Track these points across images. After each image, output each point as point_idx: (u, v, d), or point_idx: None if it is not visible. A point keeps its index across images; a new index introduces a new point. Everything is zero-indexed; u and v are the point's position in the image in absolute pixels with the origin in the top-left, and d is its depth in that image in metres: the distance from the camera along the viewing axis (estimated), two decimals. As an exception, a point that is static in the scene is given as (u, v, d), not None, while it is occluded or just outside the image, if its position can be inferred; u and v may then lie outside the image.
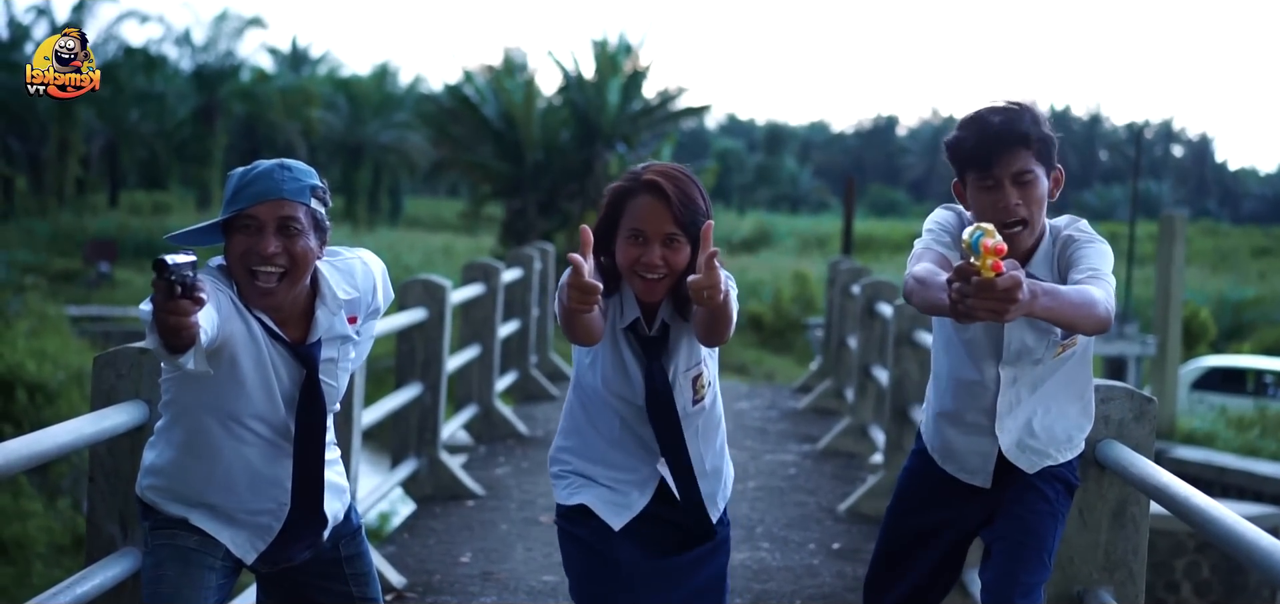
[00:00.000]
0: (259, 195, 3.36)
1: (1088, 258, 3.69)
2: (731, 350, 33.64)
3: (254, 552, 3.55)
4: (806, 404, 13.42)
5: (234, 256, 3.37)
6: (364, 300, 3.61)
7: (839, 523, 8.41)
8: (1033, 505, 3.90)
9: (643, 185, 3.49)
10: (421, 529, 7.82)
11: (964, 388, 3.96)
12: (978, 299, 3.16)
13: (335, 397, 3.57)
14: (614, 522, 3.62)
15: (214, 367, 3.31)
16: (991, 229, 3.16)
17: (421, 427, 8.55)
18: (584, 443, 3.70)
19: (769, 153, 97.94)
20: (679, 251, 3.47)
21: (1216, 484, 18.95)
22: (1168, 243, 21.53)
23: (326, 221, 3.48)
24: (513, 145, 38.13)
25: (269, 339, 3.42)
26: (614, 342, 3.60)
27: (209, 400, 3.41)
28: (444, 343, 8.56)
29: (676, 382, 3.61)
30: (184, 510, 3.48)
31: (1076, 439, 4.01)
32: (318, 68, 66.79)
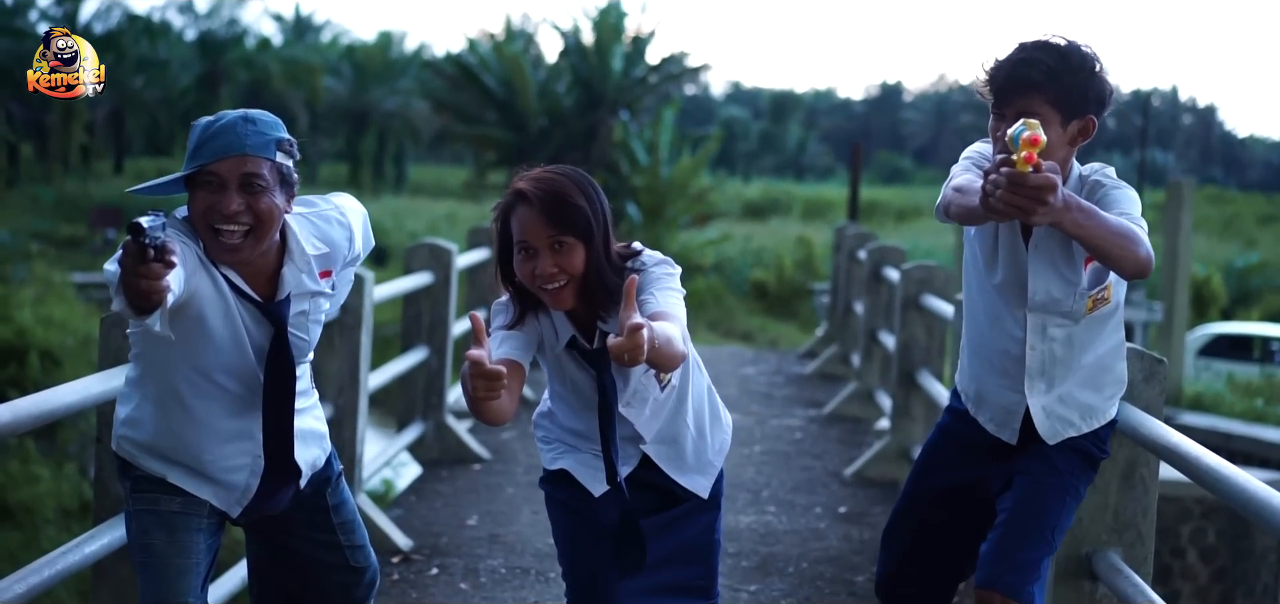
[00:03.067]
0: (221, 150, 3.23)
1: (1118, 203, 3.65)
2: (737, 317, 33.69)
3: (238, 505, 3.47)
4: (813, 370, 13.41)
5: (197, 213, 3.25)
6: (339, 253, 3.52)
7: (845, 487, 8.40)
8: (1043, 481, 3.86)
9: (515, 196, 3.38)
10: (428, 493, 7.82)
11: (995, 333, 3.93)
12: (1008, 191, 3.17)
13: (306, 349, 3.49)
14: (594, 488, 3.58)
15: (179, 322, 3.22)
16: (1036, 123, 3.15)
17: (427, 390, 8.56)
18: (565, 413, 3.64)
19: (774, 120, 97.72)
20: (571, 254, 3.33)
21: (1223, 450, 18.77)
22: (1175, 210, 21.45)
23: (294, 176, 3.35)
24: (516, 113, 38.13)
25: (236, 296, 3.32)
26: (558, 364, 3.53)
27: (177, 355, 3.31)
28: (450, 307, 8.56)
29: (635, 386, 3.51)
30: (163, 467, 3.39)
31: (1105, 410, 3.95)
32: (321, 35, 66.74)
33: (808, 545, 7.00)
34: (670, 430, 3.60)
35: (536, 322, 3.47)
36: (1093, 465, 3.97)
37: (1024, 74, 3.66)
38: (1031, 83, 3.64)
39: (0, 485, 17.54)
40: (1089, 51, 3.69)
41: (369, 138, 59.76)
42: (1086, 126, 3.69)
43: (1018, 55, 3.69)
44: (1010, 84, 3.68)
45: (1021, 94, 3.65)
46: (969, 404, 4.05)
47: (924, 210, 58.98)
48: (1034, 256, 3.77)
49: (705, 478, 3.67)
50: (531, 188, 3.35)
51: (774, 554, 6.80)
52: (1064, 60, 3.65)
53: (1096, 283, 3.77)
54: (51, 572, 3.74)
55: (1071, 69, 3.65)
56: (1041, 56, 3.66)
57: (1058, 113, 3.65)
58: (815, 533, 7.26)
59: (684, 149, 35.35)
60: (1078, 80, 3.65)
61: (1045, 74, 3.64)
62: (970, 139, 3.99)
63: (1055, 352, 3.85)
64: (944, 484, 4.10)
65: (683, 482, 3.63)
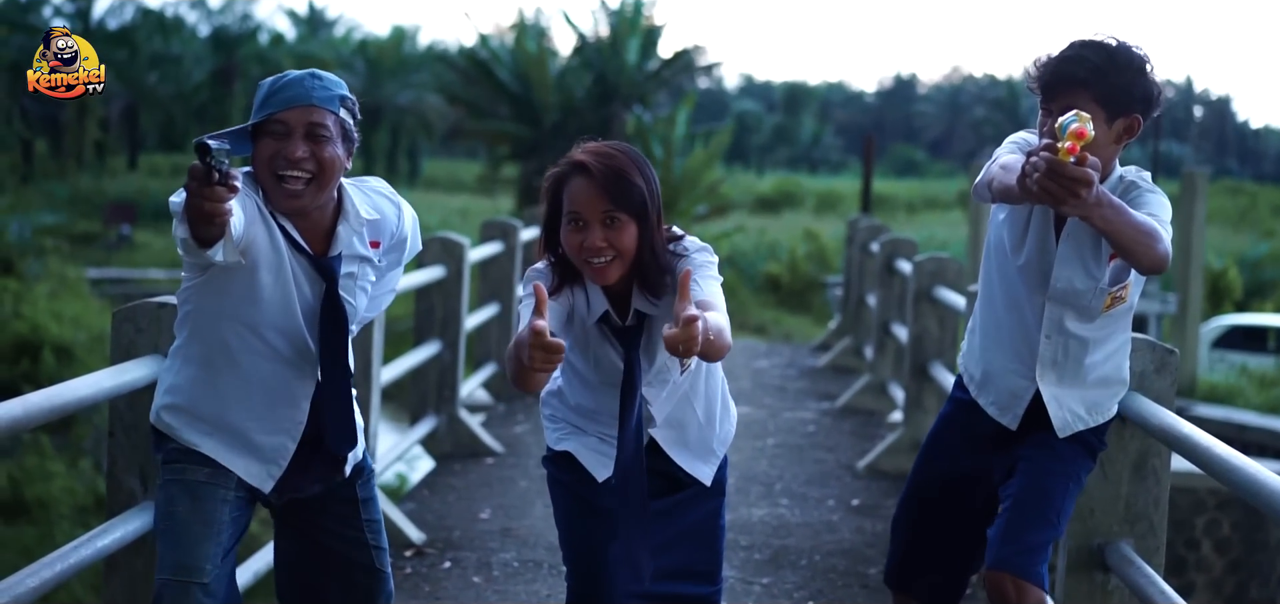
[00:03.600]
0: (289, 100, 3.38)
1: (1149, 204, 3.69)
2: (750, 311, 33.67)
3: (270, 479, 3.51)
4: (825, 362, 13.41)
5: (262, 161, 3.39)
6: (387, 225, 3.62)
7: (858, 480, 8.40)
8: (1047, 466, 3.89)
9: (573, 167, 3.40)
10: (441, 486, 7.83)
11: (1011, 318, 3.96)
12: (1046, 177, 3.23)
13: (354, 316, 3.55)
14: (599, 472, 3.58)
15: (234, 273, 3.33)
16: (1087, 117, 3.22)
17: (440, 384, 8.56)
18: (578, 390, 3.63)
19: (787, 113, 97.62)
20: (622, 231, 3.36)
21: (1237, 441, 18.75)
22: (1188, 201, 21.43)
23: (355, 133, 3.50)
24: (529, 107, 38.09)
25: (291, 249, 3.42)
26: (584, 338, 3.52)
27: (229, 308, 3.40)
28: (463, 301, 8.57)
29: (659, 365, 3.52)
30: (197, 437, 3.45)
31: (1109, 407, 4.00)
32: (335, 29, 66.81)
33: (820, 538, 7.00)
34: (679, 415, 3.61)
35: (571, 294, 3.48)
36: (1092, 456, 4.02)
37: (1070, 70, 3.71)
38: (1077, 79, 3.69)
39: (15, 480, 17.62)
40: (1139, 52, 3.75)
41: (382, 132, 59.78)
42: (1131, 125, 3.74)
43: (1066, 52, 3.76)
44: (1057, 79, 3.73)
45: (1067, 90, 3.70)
46: (972, 386, 4.08)
47: (937, 203, 58.91)
48: (1064, 246, 3.81)
49: (708, 465, 3.67)
50: (592, 161, 3.38)
51: (786, 547, 6.80)
52: (1111, 59, 3.70)
53: (1117, 280, 3.81)
54: (64, 566, 3.74)
55: (1118, 68, 3.70)
56: (1089, 54, 3.71)
57: (1103, 110, 3.69)
58: (828, 526, 7.26)
59: (697, 142, 35.33)
60: (1124, 79, 3.70)
61: (1091, 71, 3.69)
62: (985, 132, 4.06)
63: (1069, 348, 3.89)
64: (948, 473, 4.12)
65: (686, 466, 3.63)
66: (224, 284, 3.37)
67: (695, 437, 3.65)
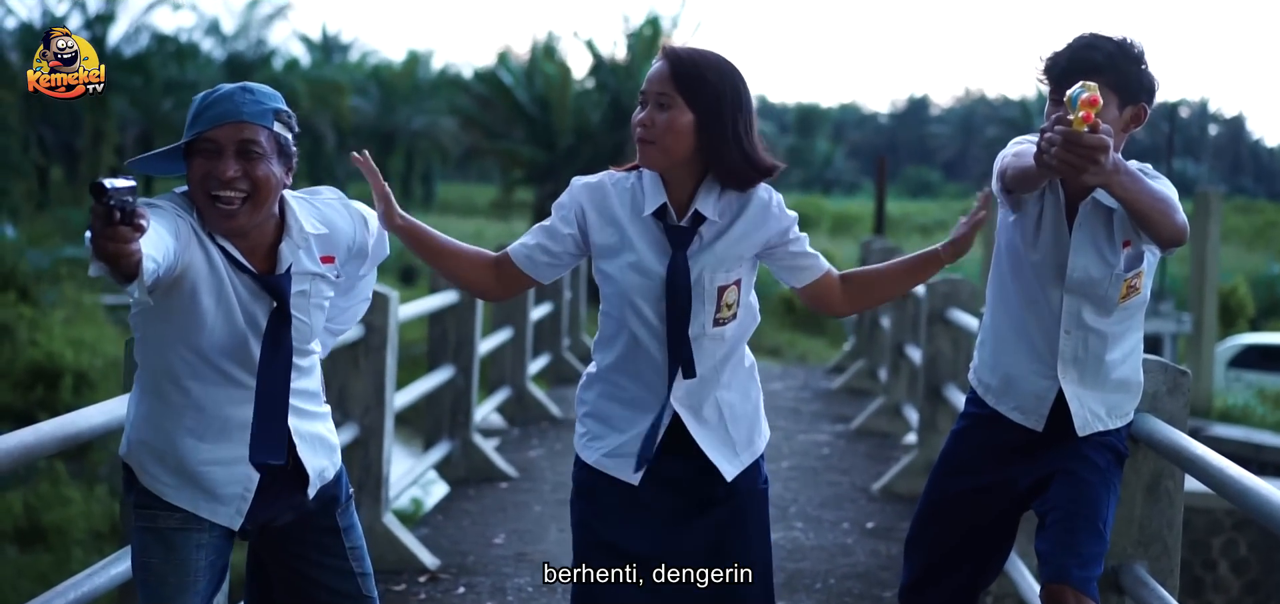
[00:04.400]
0: (218, 117, 3.21)
1: (1157, 183, 3.74)
2: (765, 332, 33.63)
3: (239, 516, 3.36)
4: (840, 384, 13.40)
5: (194, 181, 3.22)
6: (341, 237, 3.47)
7: (873, 502, 8.39)
8: (1085, 476, 3.90)
9: (660, 56, 3.47)
10: (455, 511, 7.83)
11: (1029, 316, 3.98)
12: (1063, 149, 3.26)
13: (307, 335, 3.40)
14: (629, 476, 3.51)
15: (174, 297, 3.19)
16: (1094, 86, 3.25)
17: (454, 409, 8.57)
18: (605, 361, 3.57)
19: (801, 134, 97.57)
20: (672, 114, 3.38)
21: (1254, 462, 18.82)
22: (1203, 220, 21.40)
23: (292, 147, 3.33)
24: (544, 130, 38.18)
25: (234, 270, 3.26)
26: (624, 233, 3.48)
27: (173, 335, 3.25)
28: (476, 326, 8.58)
29: (701, 284, 3.46)
30: (162, 483, 3.30)
31: (1126, 407, 4.03)
32: (349, 54, 66.95)
33: (835, 561, 7.00)
34: (699, 395, 3.52)
35: (626, 186, 3.50)
36: (1121, 463, 4.03)
37: (1087, 57, 3.80)
38: (1094, 65, 3.76)
39: (32, 507, 17.65)
40: (1135, 45, 3.86)
41: (397, 157, 59.90)
42: (1139, 114, 3.85)
43: (1080, 40, 3.86)
44: (1073, 66, 3.78)
45: (1084, 76, 3.69)
46: (989, 396, 4.08)
47: (951, 223, 58.66)
48: (1078, 235, 3.87)
49: (728, 462, 3.55)
50: (673, 46, 3.46)
51: (801, 570, 6.80)
52: (1122, 48, 3.82)
53: (1131, 267, 3.87)
54: (77, 594, 3.75)
55: (1128, 58, 3.82)
56: (1102, 43, 3.82)
57: (1116, 96, 3.79)
58: (843, 549, 7.26)
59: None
60: (1134, 68, 3.82)
61: (1106, 58, 3.79)
62: (998, 152, 4.03)
63: (1089, 342, 3.92)
64: (963, 488, 4.11)
65: (708, 451, 3.53)
66: (166, 310, 3.22)
67: (717, 420, 3.56)
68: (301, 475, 3.43)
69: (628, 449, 3.52)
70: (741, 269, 3.52)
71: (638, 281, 3.46)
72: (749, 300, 3.59)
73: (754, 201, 3.51)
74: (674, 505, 3.54)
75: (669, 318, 3.44)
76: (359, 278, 3.68)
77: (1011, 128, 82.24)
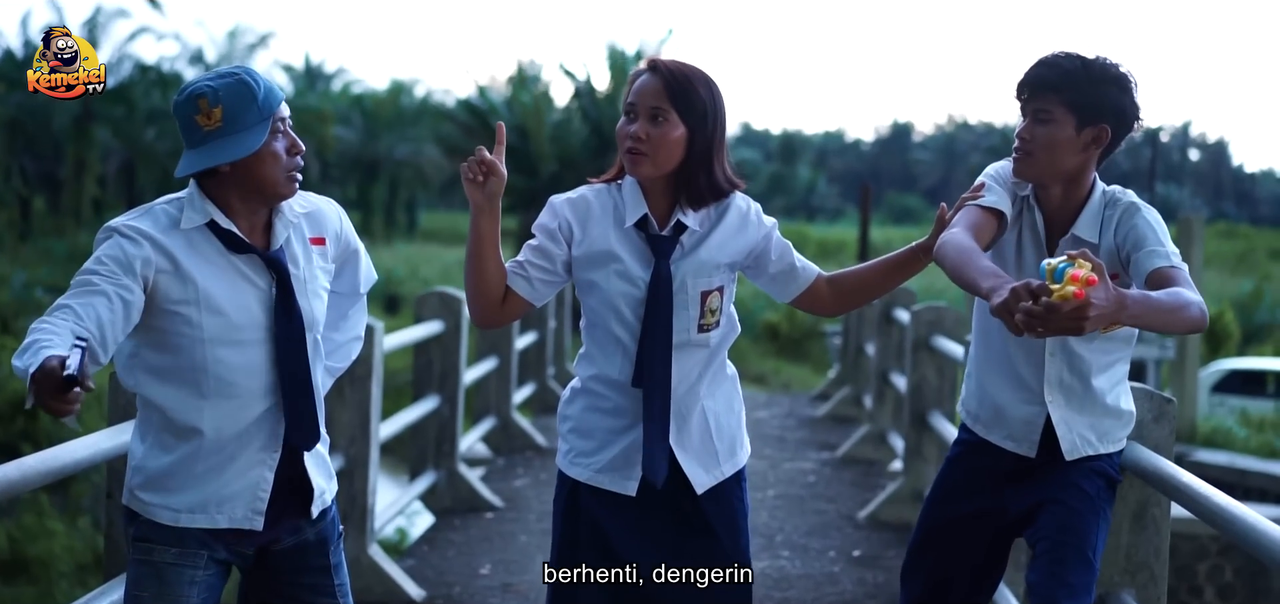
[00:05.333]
0: (280, 99, 3.37)
1: (1147, 236, 3.70)
2: (749, 360, 33.65)
3: (258, 516, 3.39)
4: (825, 412, 13.40)
5: (277, 156, 3.33)
6: (327, 221, 3.55)
7: (859, 530, 8.39)
8: (1074, 503, 3.86)
9: (645, 66, 3.52)
10: (441, 541, 7.81)
11: (1013, 344, 3.94)
12: (1043, 321, 3.09)
13: (315, 324, 3.46)
14: (620, 488, 3.56)
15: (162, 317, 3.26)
16: (1086, 264, 3.09)
17: (439, 439, 8.56)
18: (588, 372, 3.62)
19: (784, 162, 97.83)
20: (666, 128, 3.46)
21: (1238, 487, 18.83)
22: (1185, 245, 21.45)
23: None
24: (527, 158, 38.17)
25: (233, 251, 3.33)
26: (608, 243, 3.53)
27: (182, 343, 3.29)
28: (461, 355, 8.57)
29: (684, 291, 3.53)
30: (172, 509, 3.33)
31: (1117, 433, 3.99)
32: (332, 84, 66.93)
33: (822, 591, 6.99)
34: (686, 403, 3.57)
35: (608, 197, 3.57)
36: (1113, 488, 3.99)
37: (1042, 74, 3.78)
38: (1048, 83, 3.76)
39: (15, 539, 17.55)
40: (1116, 68, 3.78)
41: (380, 186, 59.85)
42: (1099, 135, 3.76)
43: (1044, 57, 3.83)
44: (1029, 81, 3.79)
45: (1039, 93, 3.77)
46: (979, 427, 4.06)
47: (935, 250, 58.78)
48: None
49: (707, 473, 3.61)
50: (662, 61, 3.52)
51: (788, 599, 6.79)
52: (1086, 68, 3.76)
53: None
54: (64, 627, 3.73)
55: (1092, 78, 3.75)
56: (1063, 60, 3.78)
57: (1072, 116, 3.75)
58: (829, 577, 7.25)
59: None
60: (1096, 88, 3.74)
61: (1062, 76, 3.75)
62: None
63: (1074, 365, 3.89)
64: (956, 515, 4.09)
65: (683, 461, 3.58)
66: (161, 332, 3.27)
67: (701, 429, 3.61)
68: (305, 494, 3.48)
69: (617, 462, 3.57)
70: (723, 276, 3.59)
71: (623, 289, 3.52)
72: (729, 310, 3.65)
73: (732, 210, 3.61)
74: (658, 513, 3.58)
75: (648, 324, 3.50)
76: (349, 310, 3.72)
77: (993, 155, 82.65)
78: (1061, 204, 3.85)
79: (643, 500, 3.57)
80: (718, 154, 3.53)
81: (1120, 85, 3.77)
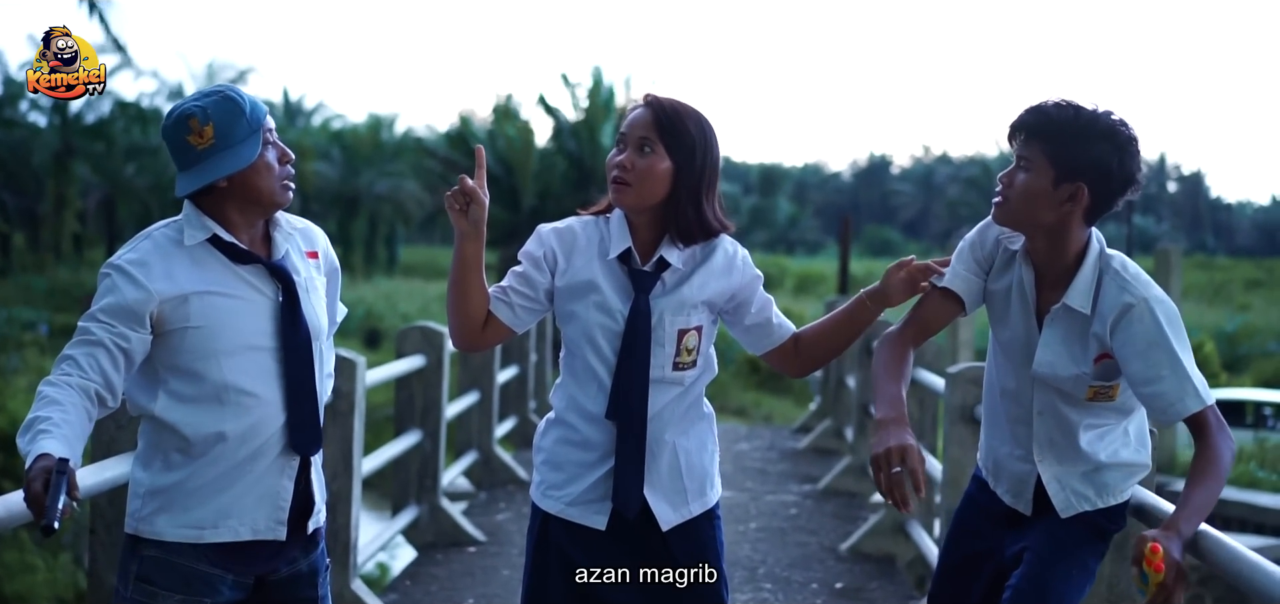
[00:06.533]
0: (265, 111, 3.44)
1: (1153, 356, 3.57)
2: (730, 393, 33.63)
3: (281, 526, 3.43)
4: (806, 444, 13.41)
5: (271, 166, 3.41)
6: (316, 238, 3.64)
7: (841, 562, 8.39)
8: (1049, 558, 3.79)
9: (642, 100, 3.57)
10: (423, 576, 7.80)
11: (1005, 401, 3.90)
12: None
13: (318, 329, 3.51)
14: (597, 522, 3.59)
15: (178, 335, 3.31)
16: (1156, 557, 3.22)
17: (421, 474, 8.54)
18: (561, 403, 3.65)
19: (764, 194, 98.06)
20: (652, 160, 3.49)
21: (1217, 516, 18.86)
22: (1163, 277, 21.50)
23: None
24: (508, 191, 38.23)
25: (239, 262, 3.39)
26: (591, 275, 3.56)
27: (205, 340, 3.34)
28: (443, 390, 8.56)
29: (661, 327, 3.55)
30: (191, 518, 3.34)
31: (1120, 488, 3.85)
32: (311, 119, 66.91)
33: (804, 622, 6.98)
34: (658, 439, 3.58)
35: (594, 230, 3.60)
36: (1102, 538, 3.88)
37: (1029, 119, 3.64)
38: (1033, 129, 3.62)
39: (-5, 576, 17.46)
40: (1113, 125, 3.60)
41: (360, 221, 59.80)
42: (1076, 193, 3.58)
43: (1039, 102, 3.68)
44: (1017, 125, 3.68)
45: (1019, 134, 3.66)
46: (988, 477, 4.02)
47: (915, 282, 58.93)
48: (1047, 332, 3.72)
49: (674, 510, 3.62)
50: (656, 96, 3.56)
51: (770, 631, 6.78)
52: (1075, 119, 3.58)
53: (1104, 378, 3.69)
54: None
55: (1078, 130, 3.57)
56: (1052, 110, 3.62)
57: (1052, 168, 3.59)
58: (811, 609, 7.24)
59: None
60: (1080, 143, 3.57)
61: (1045, 123, 3.60)
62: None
63: (1064, 425, 3.78)
64: (968, 552, 4.06)
65: (650, 498, 3.59)
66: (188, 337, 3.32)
67: (670, 466, 3.62)
68: (306, 509, 3.51)
69: (587, 496, 3.59)
70: (701, 316, 3.61)
71: (602, 321, 3.55)
72: (708, 351, 3.67)
73: (718, 252, 3.63)
74: (627, 548, 3.60)
75: (624, 357, 3.52)
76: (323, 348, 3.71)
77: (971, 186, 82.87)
78: (1048, 260, 3.71)
79: (612, 535, 3.58)
80: (707, 192, 3.55)
81: (1114, 143, 3.58)
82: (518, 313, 3.60)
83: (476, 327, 3.59)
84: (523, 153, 38.38)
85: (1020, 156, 3.66)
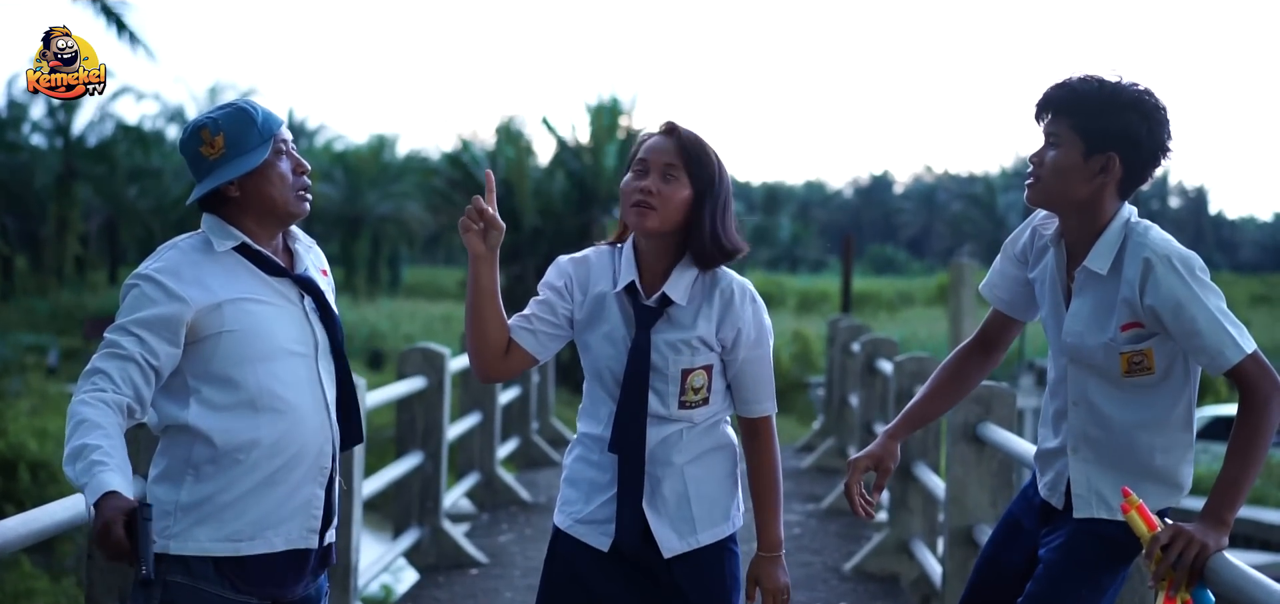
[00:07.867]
0: (280, 121, 3.46)
1: (1184, 313, 3.51)
2: (733, 412, 33.65)
3: (313, 534, 3.43)
4: (810, 463, 13.37)
5: (284, 175, 3.44)
6: (323, 258, 3.69)
7: (845, 582, 8.36)
8: (1060, 572, 3.71)
9: (659, 128, 3.58)
10: (425, 599, 7.78)
11: (1053, 388, 3.85)
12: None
13: (341, 336, 3.56)
14: (600, 543, 3.59)
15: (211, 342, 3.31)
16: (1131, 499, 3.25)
17: (423, 496, 8.52)
18: (583, 429, 3.68)
19: (766, 213, 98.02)
20: (676, 186, 3.50)
21: (1225, 534, 18.86)
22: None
23: None
24: (510, 212, 38.24)
25: (266, 272, 3.42)
26: (603, 306, 3.59)
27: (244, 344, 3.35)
28: (444, 411, 8.54)
29: (665, 366, 3.54)
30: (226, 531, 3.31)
31: (1154, 501, 3.66)
32: (315, 140, 66.99)
33: (807, 642, 6.96)
34: (661, 470, 3.59)
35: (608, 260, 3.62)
36: (1122, 558, 3.74)
37: (1055, 94, 3.63)
38: (1059, 104, 3.61)
39: (-3, 599, 17.44)
40: (1140, 94, 3.59)
41: (363, 241, 59.86)
42: (1108, 164, 3.57)
43: (1063, 78, 3.67)
44: (1043, 101, 3.66)
45: (1046, 111, 3.65)
46: (1037, 464, 3.92)
47: (916, 299, 59.07)
48: (1075, 300, 3.68)
49: (678, 538, 3.61)
50: (677, 125, 3.58)
51: (774, 652, 6.74)
52: (1100, 91, 3.58)
53: (1135, 343, 3.59)
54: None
55: (1105, 101, 3.57)
56: (1076, 83, 3.62)
57: (1080, 141, 3.58)
58: (815, 629, 7.22)
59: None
60: (1108, 113, 3.56)
61: (1073, 98, 3.60)
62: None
63: (1099, 419, 3.68)
64: (1007, 515, 4.02)
65: (654, 525, 3.58)
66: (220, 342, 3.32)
67: (676, 496, 3.61)
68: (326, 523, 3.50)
69: (595, 516, 3.60)
70: (709, 356, 3.57)
71: (610, 352, 3.56)
72: (722, 388, 3.65)
73: (720, 290, 3.59)
74: (630, 572, 3.61)
75: (624, 392, 3.53)
76: None
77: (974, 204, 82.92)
78: (1081, 239, 3.67)
79: (616, 557, 3.59)
80: (724, 217, 3.56)
81: (1141, 111, 3.57)
82: (541, 339, 3.61)
83: (498, 355, 3.60)
84: (524, 173, 38.41)
85: (1048, 133, 3.65)
